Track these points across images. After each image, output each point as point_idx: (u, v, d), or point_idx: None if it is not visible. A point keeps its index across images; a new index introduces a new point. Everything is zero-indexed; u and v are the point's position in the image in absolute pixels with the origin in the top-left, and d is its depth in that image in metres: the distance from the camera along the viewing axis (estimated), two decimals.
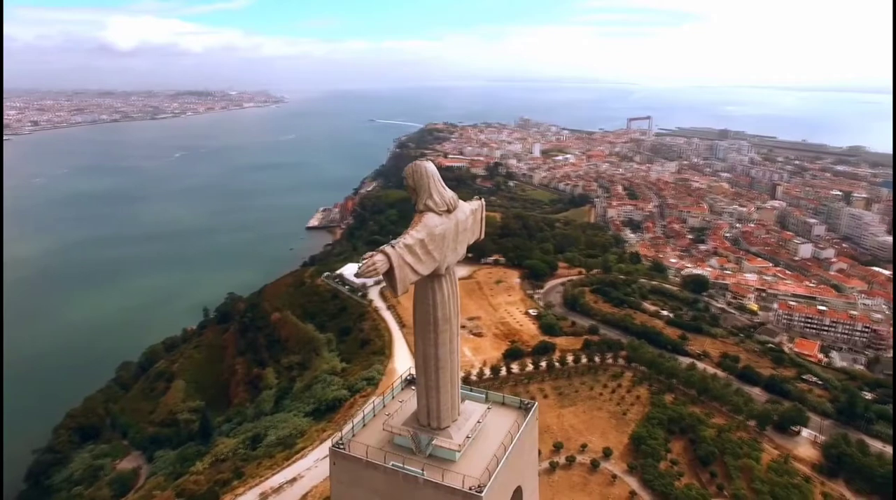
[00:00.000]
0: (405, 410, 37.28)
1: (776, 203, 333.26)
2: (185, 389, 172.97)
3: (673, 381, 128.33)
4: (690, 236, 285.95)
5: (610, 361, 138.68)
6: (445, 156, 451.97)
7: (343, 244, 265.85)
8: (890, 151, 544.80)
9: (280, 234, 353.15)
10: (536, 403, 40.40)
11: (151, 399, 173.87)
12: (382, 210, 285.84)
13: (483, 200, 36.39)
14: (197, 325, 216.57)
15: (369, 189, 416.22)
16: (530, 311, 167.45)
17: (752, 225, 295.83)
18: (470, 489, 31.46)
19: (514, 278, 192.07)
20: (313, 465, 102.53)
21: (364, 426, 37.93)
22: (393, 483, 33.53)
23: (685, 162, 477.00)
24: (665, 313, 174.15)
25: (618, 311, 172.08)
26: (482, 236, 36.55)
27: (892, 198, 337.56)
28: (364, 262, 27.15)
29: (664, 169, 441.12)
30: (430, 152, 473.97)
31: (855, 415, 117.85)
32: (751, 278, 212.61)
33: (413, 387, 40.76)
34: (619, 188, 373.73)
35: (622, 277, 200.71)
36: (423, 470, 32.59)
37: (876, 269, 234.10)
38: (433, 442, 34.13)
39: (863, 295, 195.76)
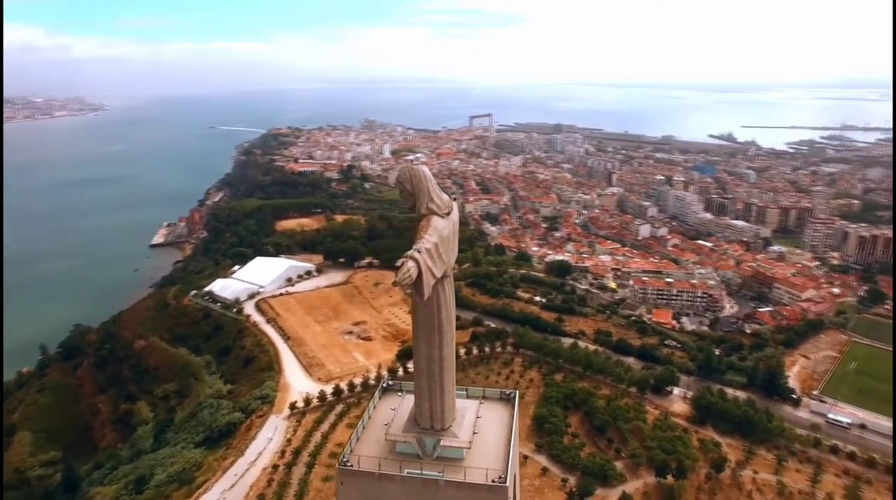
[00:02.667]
0: (399, 417, 36.81)
1: (614, 189, 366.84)
2: (32, 441, 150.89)
3: (560, 361, 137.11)
4: (545, 225, 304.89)
5: (499, 349, 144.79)
6: (296, 161, 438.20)
7: (200, 259, 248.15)
8: (695, 139, 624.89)
9: (119, 255, 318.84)
10: (518, 392, 41.98)
11: None
12: (239, 221, 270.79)
13: (456, 199, 37.10)
14: (35, 365, 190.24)
15: (216, 200, 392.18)
16: None
17: (597, 211, 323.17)
18: (493, 481, 32.13)
19: (391, 278, 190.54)
20: (220, 497, 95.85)
21: (358, 440, 36.77)
22: (411, 491, 33.07)
23: (528, 156, 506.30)
24: (538, 298, 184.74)
25: (496, 301, 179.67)
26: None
27: (702, 180, 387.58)
28: (400, 271, 26.72)
29: (511, 163, 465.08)
30: (278, 158, 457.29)
31: (711, 369, 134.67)
32: (605, 259, 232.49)
33: (399, 394, 40.31)
34: (473, 184, 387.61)
35: (493, 268, 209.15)
36: (442, 472, 32.61)
37: (700, 242, 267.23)
38: (441, 443, 34.18)
39: (697, 266, 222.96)
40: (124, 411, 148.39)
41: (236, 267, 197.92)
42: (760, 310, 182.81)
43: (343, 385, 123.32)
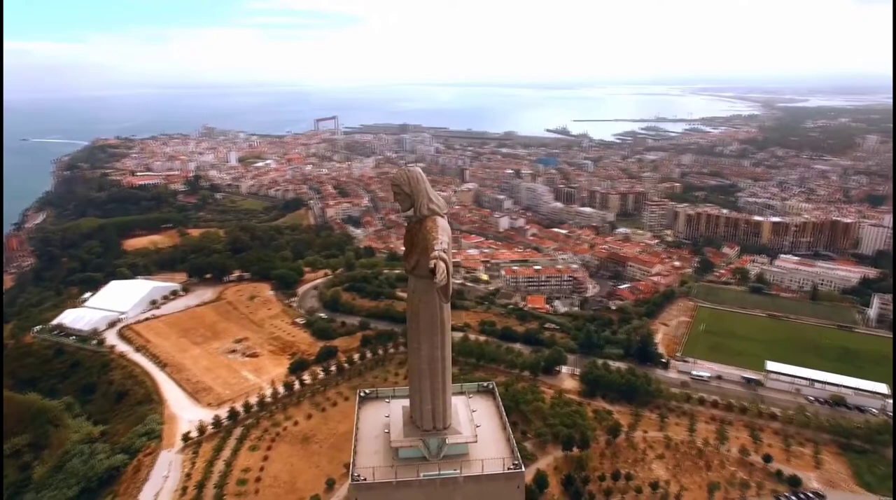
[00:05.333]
0: (395, 423, 36.26)
1: (469, 185, 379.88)
2: None
3: (453, 354, 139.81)
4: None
5: (392, 350, 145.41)
6: (133, 174, 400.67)
7: (32, 290, 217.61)
8: (534, 134, 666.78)
9: None
10: (494, 382, 43.12)
11: None
12: (77, 243, 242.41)
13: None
14: None
15: (39, 222, 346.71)
16: (297, 320, 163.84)
17: (456, 207, 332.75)
18: (508, 469, 32.98)
19: (266, 290, 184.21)
20: None
21: (356, 454, 35.68)
22: (429, 493, 32.76)
23: (380, 157, 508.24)
24: None
25: (378, 303, 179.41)
26: None
27: (547, 172, 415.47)
28: (438, 272, 26.57)
29: (364, 165, 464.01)
30: (111, 171, 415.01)
31: (592, 346, 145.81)
32: (473, 252, 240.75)
33: (387, 401, 39.49)
34: (330, 188, 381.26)
35: (367, 271, 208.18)
36: (460, 470, 32.80)
37: (555, 230, 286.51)
38: (447, 442, 34.32)
39: (558, 252, 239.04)
40: None
41: (87, 294, 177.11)
42: (620, 287, 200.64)
43: (238, 407, 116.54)
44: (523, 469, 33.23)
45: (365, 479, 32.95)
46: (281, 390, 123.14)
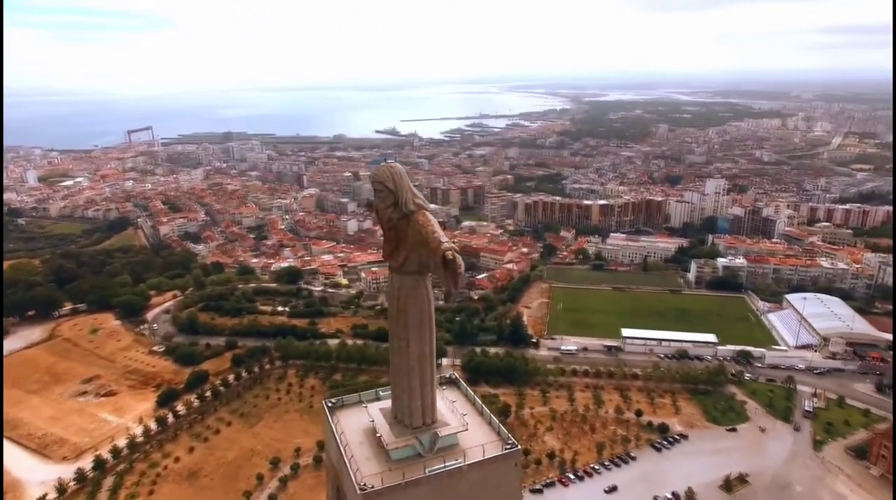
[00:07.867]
0: (380, 426, 35.59)
1: (310, 191, 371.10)
2: None
3: (333, 362, 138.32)
4: (252, 236, 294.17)
5: (267, 366, 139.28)
6: None
7: None
8: (364, 135, 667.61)
9: None
10: (455, 373, 43.82)
11: None
12: None
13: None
14: None
15: None
16: (155, 348, 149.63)
17: (301, 214, 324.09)
18: (505, 449, 34.08)
19: (109, 321, 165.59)
20: None
21: (353, 464, 34.46)
22: (436, 487, 32.66)
23: (209, 167, 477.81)
24: (281, 308, 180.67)
25: (240, 320, 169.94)
26: None
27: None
28: (459, 264, 26.90)
29: (192, 177, 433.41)
30: None
31: (467, 335, 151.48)
32: (328, 258, 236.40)
33: (365, 406, 38.32)
34: (159, 204, 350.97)
35: (221, 287, 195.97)
36: (463, 459, 33.19)
37: None
38: (440, 434, 34.53)
39: None
40: None
41: None
42: (478, 277, 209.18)
43: (104, 454, 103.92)
44: (519, 447, 34.75)
45: (373, 487, 32.21)
46: (153, 426, 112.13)
